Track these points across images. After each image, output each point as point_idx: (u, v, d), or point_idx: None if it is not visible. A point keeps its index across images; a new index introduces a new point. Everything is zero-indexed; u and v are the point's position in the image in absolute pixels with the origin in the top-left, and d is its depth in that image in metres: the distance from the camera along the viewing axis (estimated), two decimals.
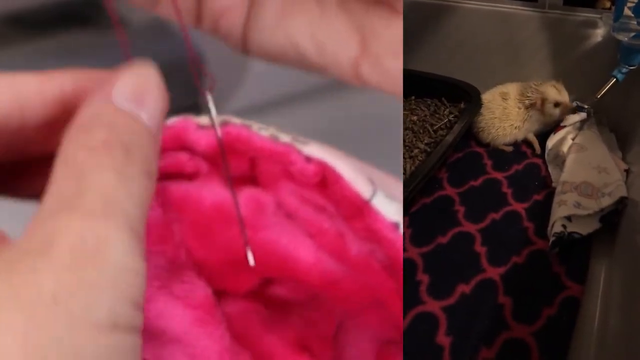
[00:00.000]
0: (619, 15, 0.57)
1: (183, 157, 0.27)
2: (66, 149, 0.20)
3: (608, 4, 0.68)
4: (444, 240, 0.56)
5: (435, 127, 0.67)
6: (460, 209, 0.60)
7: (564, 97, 0.65)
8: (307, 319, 0.31)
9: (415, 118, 0.69)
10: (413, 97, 0.74)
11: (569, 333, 0.46)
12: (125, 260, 0.19)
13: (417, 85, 0.72)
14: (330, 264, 0.27)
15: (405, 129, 0.67)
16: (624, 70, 0.60)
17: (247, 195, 0.27)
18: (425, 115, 0.69)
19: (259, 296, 0.30)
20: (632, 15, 0.56)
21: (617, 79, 0.61)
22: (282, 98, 0.58)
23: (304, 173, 0.27)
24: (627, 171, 0.57)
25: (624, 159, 0.60)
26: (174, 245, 0.27)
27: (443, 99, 0.72)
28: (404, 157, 0.62)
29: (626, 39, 0.57)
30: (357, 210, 0.27)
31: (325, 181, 0.27)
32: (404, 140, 0.65)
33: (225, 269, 0.28)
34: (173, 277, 0.26)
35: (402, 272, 0.27)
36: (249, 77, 0.58)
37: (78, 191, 0.19)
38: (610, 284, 0.49)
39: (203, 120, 0.28)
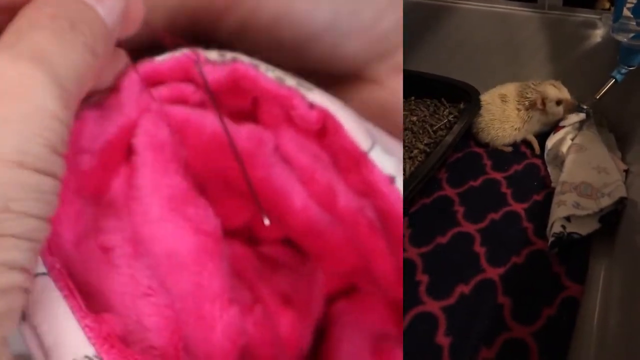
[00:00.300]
0: (618, 16, 0.57)
1: (188, 89, 0.27)
2: (15, 21, 0.21)
3: (607, 5, 0.69)
4: (443, 240, 0.56)
5: (434, 128, 0.67)
6: (460, 209, 0.60)
7: (564, 94, 0.64)
8: (292, 281, 0.31)
9: (414, 118, 0.69)
10: (412, 98, 0.74)
11: (568, 333, 0.46)
12: (44, 102, 0.19)
13: (416, 85, 0.72)
14: (317, 212, 0.27)
15: (404, 129, 0.67)
16: (623, 71, 0.60)
17: (248, 129, 0.27)
18: (425, 116, 0.69)
19: (251, 248, 0.30)
20: (632, 16, 0.56)
21: (616, 80, 0.61)
22: None
23: (306, 119, 0.27)
24: (626, 171, 0.57)
25: (623, 159, 0.60)
26: (184, 166, 0.26)
27: (442, 99, 0.72)
28: (403, 158, 0.62)
29: (625, 39, 0.57)
30: (354, 162, 0.27)
31: (326, 129, 0.27)
32: (404, 141, 0.65)
33: (222, 196, 0.28)
34: (187, 199, 0.25)
35: (399, 228, 0.27)
36: None
37: (14, 41, 0.20)
38: (610, 284, 0.49)
39: (211, 55, 0.27)
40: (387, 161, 0.27)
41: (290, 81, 0.27)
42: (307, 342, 0.31)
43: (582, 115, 0.65)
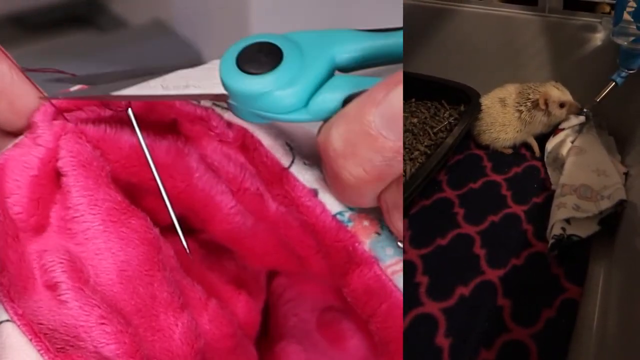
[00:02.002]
0: (618, 19, 0.57)
1: (105, 112, 0.27)
2: None
3: (608, 9, 0.69)
4: (443, 242, 0.56)
5: (435, 130, 0.67)
6: (460, 211, 0.60)
7: (567, 96, 0.64)
8: (237, 262, 0.31)
9: (415, 120, 0.69)
10: (413, 100, 0.74)
11: (568, 335, 0.46)
12: None
13: (417, 87, 0.72)
14: (247, 219, 0.28)
15: (405, 131, 0.67)
16: (623, 74, 0.60)
17: (169, 141, 0.27)
18: (426, 118, 0.70)
19: (194, 238, 0.30)
20: (632, 19, 0.56)
21: (616, 83, 0.61)
22: None
23: (224, 139, 0.28)
24: (626, 174, 0.58)
25: (622, 162, 0.61)
26: (113, 180, 0.26)
27: (443, 101, 0.72)
28: (403, 160, 0.63)
29: (625, 43, 0.58)
30: (276, 177, 0.28)
31: (246, 146, 0.28)
32: (404, 143, 0.65)
33: (148, 197, 0.28)
34: (127, 210, 0.26)
35: (329, 237, 0.27)
36: None
37: None
38: (609, 286, 0.49)
39: None
40: (308, 175, 0.27)
41: (206, 102, 0.28)
42: (259, 320, 0.32)
43: (582, 118, 0.65)
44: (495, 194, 0.62)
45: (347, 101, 0.23)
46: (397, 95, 0.22)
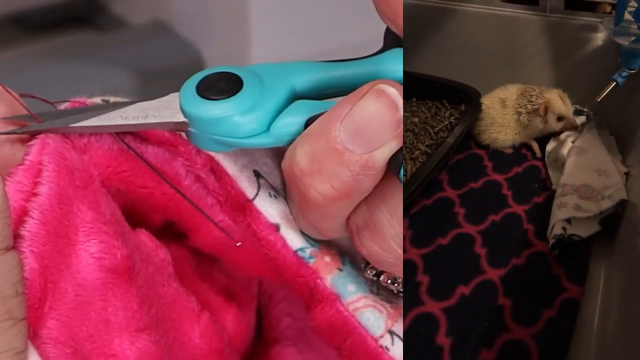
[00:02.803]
0: (619, 19, 0.57)
1: None
2: None
3: (609, 8, 0.69)
4: (444, 241, 0.56)
5: (436, 129, 0.67)
6: (461, 211, 0.60)
7: (568, 111, 0.64)
8: (227, 272, 0.31)
9: (416, 120, 0.69)
10: (414, 99, 0.74)
11: (568, 335, 0.46)
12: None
13: (418, 87, 0.72)
14: (233, 233, 0.28)
15: (406, 130, 0.67)
16: (624, 74, 0.60)
17: (154, 147, 0.27)
18: (426, 117, 0.70)
19: (184, 244, 0.30)
20: (633, 19, 0.56)
21: (617, 83, 0.61)
22: None
23: (192, 163, 0.28)
24: (626, 174, 0.58)
25: (623, 161, 0.61)
26: (99, 187, 0.26)
27: (444, 101, 0.72)
28: (404, 159, 0.63)
29: (626, 42, 0.58)
30: (240, 207, 0.28)
31: (213, 172, 0.28)
32: (405, 142, 0.65)
33: (136, 209, 0.28)
34: (92, 232, 0.25)
35: (290, 272, 0.27)
36: None
37: None
38: (610, 286, 0.49)
39: (95, 101, 0.28)
40: (272, 209, 0.27)
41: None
42: (252, 327, 0.32)
43: (583, 118, 0.65)
44: (496, 194, 0.62)
45: (308, 123, 0.24)
46: (361, 109, 0.22)
